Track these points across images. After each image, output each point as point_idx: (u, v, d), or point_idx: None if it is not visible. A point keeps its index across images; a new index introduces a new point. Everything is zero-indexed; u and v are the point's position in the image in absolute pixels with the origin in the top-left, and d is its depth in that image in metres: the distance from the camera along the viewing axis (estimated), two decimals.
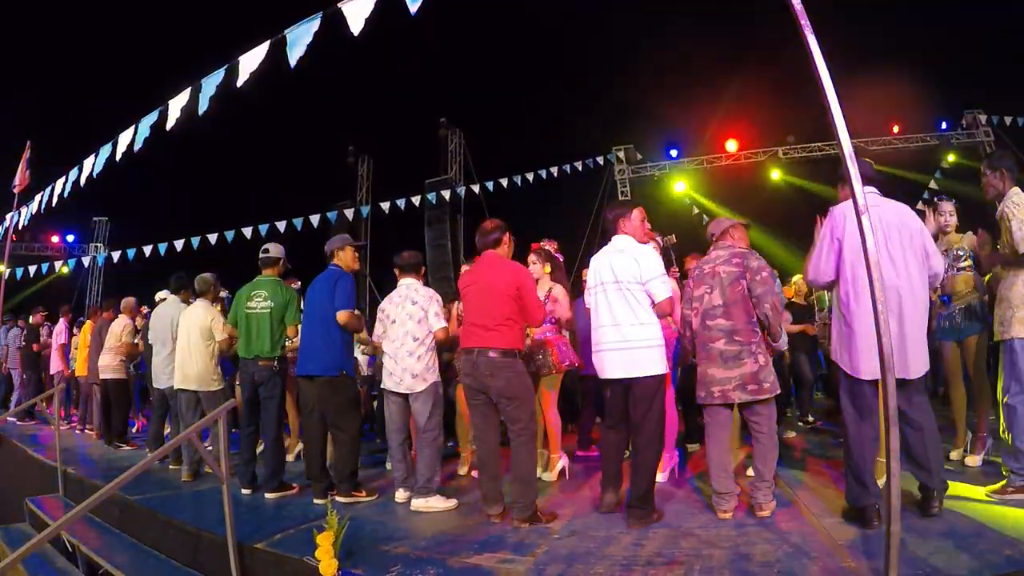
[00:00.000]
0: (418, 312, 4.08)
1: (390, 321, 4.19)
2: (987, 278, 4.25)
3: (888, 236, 2.99)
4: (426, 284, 4.36)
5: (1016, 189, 3.40)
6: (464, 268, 4.76)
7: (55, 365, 8.77)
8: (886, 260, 2.93)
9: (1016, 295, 3.36)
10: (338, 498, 4.06)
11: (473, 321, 3.66)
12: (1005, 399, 3.33)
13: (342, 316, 4.13)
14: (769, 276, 3.39)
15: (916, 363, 2.97)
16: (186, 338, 4.96)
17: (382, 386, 4.26)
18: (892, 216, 3.06)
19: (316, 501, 4.13)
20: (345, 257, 4.41)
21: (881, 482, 3.03)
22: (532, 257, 4.71)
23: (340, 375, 4.17)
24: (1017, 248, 3.30)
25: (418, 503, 3.85)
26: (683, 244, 5.61)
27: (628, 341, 3.34)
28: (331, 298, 4.17)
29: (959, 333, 4.15)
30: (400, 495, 4.10)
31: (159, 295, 6.76)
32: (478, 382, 3.57)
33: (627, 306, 3.38)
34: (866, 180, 3.04)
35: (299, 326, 4.50)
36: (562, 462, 4.59)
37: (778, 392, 3.38)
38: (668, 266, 4.93)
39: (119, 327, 6.93)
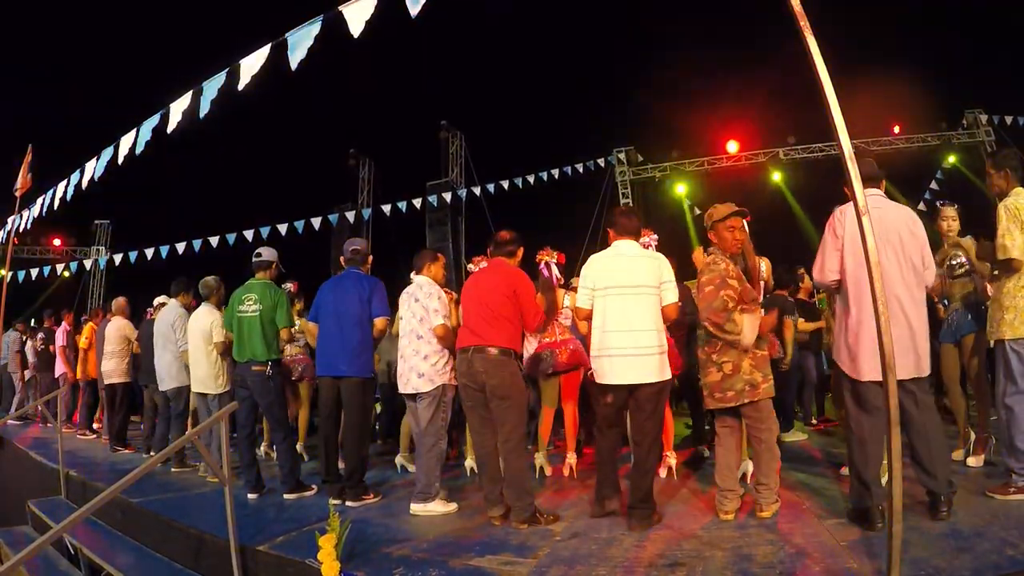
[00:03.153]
0: (420, 310, 4.03)
1: (399, 318, 4.21)
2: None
3: (889, 238, 2.99)
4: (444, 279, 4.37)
5: (1019, 189, 3.40)
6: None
7: (58, 368, 8.78)
8: (886, 262, 2.93)
9: (1006, 297, 3.36)
10: (348, 503, 4.06)
11: (471, 321, 3.66)
12: (1003, 399, 3.33)
13: (381, 323, 4.22)
14: (714, 290, 3.25)
15: (919, 364, 2.97)
16: (193, 342, 5.13)
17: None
18: (894, 219, 3.07)
19: (333, 501, 4.11)
20: (368, 264, 4.51)
21: (884, 480, 3.03)
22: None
23: (372, 377, 4.28)
24: (997, 253, 3.33)
25: (416, 508, 3.82)
26: (683, 245, 5.62)
27: (641, 348, 3.28)
28: (367, 302, 4.21)
29: (955, 334, 4.16)
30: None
31: (158, 300, 6.78)
32: (473, 380, 3.57)
33: (641, 311, 3.31)
34: (869, 181, 3.05)
35: (293, 329, 4.52)
36: (571, 459, 4.63)
37: (772, 394, 3.31)
38: None
39: (115, 330, 6.96)
